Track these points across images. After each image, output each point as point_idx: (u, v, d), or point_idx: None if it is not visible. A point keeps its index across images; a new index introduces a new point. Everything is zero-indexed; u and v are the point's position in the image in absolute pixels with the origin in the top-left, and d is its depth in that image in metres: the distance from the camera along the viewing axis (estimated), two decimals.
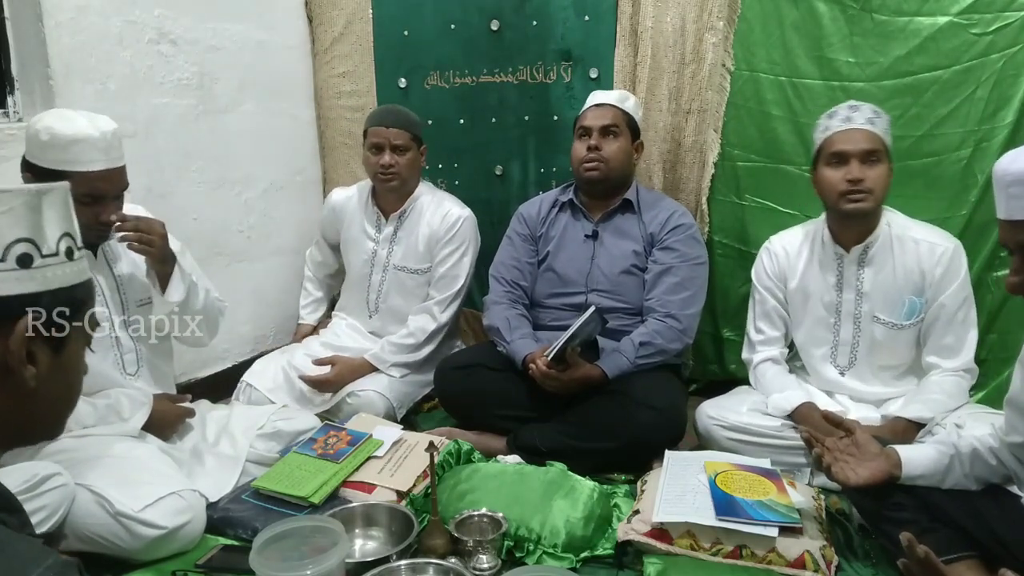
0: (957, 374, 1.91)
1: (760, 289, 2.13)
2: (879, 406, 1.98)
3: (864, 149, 1.85)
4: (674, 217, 2.23)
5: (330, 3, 2.86)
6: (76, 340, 0.79)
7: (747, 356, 2.17)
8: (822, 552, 1.52)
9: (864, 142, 1.85)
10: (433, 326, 2.43)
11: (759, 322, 2.13)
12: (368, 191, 2.56)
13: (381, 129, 2.38)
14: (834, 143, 1.89)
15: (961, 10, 2.12)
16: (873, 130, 1.87)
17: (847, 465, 1.48)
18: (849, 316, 2.00)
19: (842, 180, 1.86)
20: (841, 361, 2.04)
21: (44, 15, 1.99)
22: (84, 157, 1.60)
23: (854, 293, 1.98)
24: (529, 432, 2.08)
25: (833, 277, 2.01)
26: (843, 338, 2.02)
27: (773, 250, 2.12)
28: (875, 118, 1.89)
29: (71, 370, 0.80)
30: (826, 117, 1.95)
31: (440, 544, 1.57)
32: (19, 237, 0.73)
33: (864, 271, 1.97)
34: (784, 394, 1.98)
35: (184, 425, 1.89)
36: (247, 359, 2.69)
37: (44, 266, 0.74)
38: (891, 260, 1.94)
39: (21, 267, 0.72)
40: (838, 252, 1.99)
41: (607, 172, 2.22)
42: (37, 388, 0.74)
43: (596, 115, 2.24)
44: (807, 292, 2.05)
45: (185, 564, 1.58)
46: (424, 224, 2.47)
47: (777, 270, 2.10)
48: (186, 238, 2.39)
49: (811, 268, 2.04)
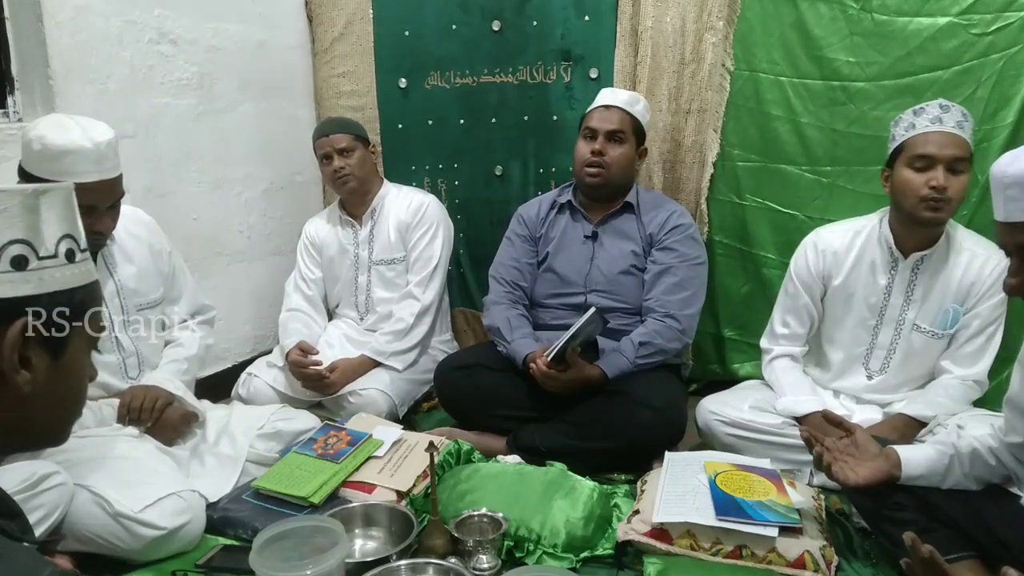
0: (966, 383, 1.89)
1: (796, 283, 2.05)
2: (884, 407, 1.97)
3: (953, 156, 1.75)
4: (673, 217, 2.23)
5: (330, 3, 2.86)
6: (77, 344, 0.76)
7: (767, 346, 2.13)
8: (822, 552, 1.52)
9: (954, 147, 1.75)
10: (418, 307, 2.47)
11: (787, 315, 2.08)
12: (336, 207, 2.63)
13: (324, 139, 2.47)
14: (921, 144, 1.78)
15: (961, 10, 2.12)
16: (962, 135, 1.77)
17: (847, 465, 1.48)
18: (891, 321, 1.94)
19: (925, 185, 1.76)
20: (873, 365, 1.99)
21: (44, 15, 1.99)
22: (76, 168, 1.56)
23: (903, 299, 1.92)
24: (529, 432, 2.08)
25: (884, 280, 1.94)
26: (880, 342, 1.97)
27: (820, 247, 2.01)
28: (964, 122, 1.78)
29: (72, 375, 0.78)
30: (912, 113, 1.83)
31: (440, 544, 1.57)
32: (14, 239, 0.71)
33: (918, 278, 1.90)
34: (797, 399, 1.96)
35: (188, 430, 1.89)
36: (247, 359, 2.69)
37: (40, 268, 0.72)
38: (944, 269, 1.88)
39: (15, 269, 0.70)
40: (895, 256, 1.92)
41: (608, 178, 2.21)
42: (33, 394, 0.71)
43: (604, 117, 2.21)
44: (850, 291, 1.98)
45: (185, 564, 1.58)
46: (393, 215, 2.56)
47: (822, 267, 2.01)
48: (186, 238, 2.41)
49: (860, 267, 1.96)
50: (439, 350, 2.58)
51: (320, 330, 2.60)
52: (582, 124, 2.27)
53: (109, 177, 1.63)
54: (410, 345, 2.45)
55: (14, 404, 0.71)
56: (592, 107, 2.27)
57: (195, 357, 2.02)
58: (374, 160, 2.60)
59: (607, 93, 2.28)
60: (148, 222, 1.98)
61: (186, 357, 1.98)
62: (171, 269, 2.01)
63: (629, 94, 2.28)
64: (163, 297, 1.97)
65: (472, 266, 2.93)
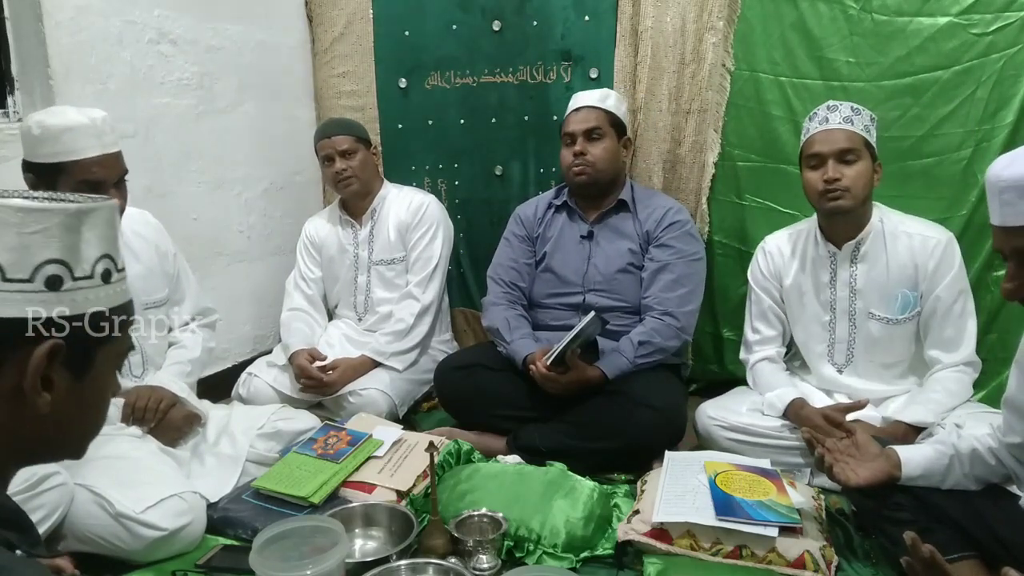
0: (959, 369, 1.90)
1: (756, 289, 2.14)
2: (879, 404, 1.97)
3: (839, 148, 1.85)
4: (669, 214, 2.23)
5: (330, 3, 2.86)
6: (104, 362, 0.74)
7: (744, 357, 2.18)
8: (822, 552, 1.52)
9: (840, 141, 1.85)
10: (418, 307, 2.47)
11: (756, 322, 2.14)
12: (337, 206, 2.63)
13: (326, 141, 2.46)
14: (811, 145, 1.90)
15: (961, 10, 2.12)
16: (851, 128, 1.86)
17: (847, 466, 1.48)
18: (844, 313, 2.00)
19: (819, 180, 1.87)
20: (838, 359, 2.04)
21: (44, 15, 1.99)
22: (77, 145, 1.60)
23: (848, 290, 1.98)
24: (529, 432, 2.08)
25: (826, 275, 2.01)
26: (839, 335, 2.02)
27: (768, 249, 2.13)
28: (853, 116, 1.88)
29: (95, 393, 0.75)
30: (807, 120, 1.96)
31: (440, 544, 1.57)
32: (50, 258, 0.68)
33: (856, 268, 1.97)
34: (776, 392, 1.98)
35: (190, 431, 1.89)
36: (247, 359, 2.69)
37: (74, 289, 0.69)
38: (884, 255, 1.94)
39: (49, 289, 0.68)
40: (830, 250, 2.00)
41: (596, 175, 2.22)
42: (51, 413, 0.69)
43: (578, 120, 2.24)
44: (801, 290, 2.06)
45: (185, 564, 1.58)
46: (393, 215, 2.55)
47: (772, 269, 2.10)
48: (186, 238, 2.41)
49: (804, 266, 2.05)
50: (439, 350, 2.58)
51: (321, 330, 2.60)
52: (561, 132, 2.31)
53: (111, 151, 1.66)
54: (410, 345, 2.45)
55: (32, 421, 0.69)
56: (567, 113, 2.31)
57: (198, 360, 2.02)
58: (375, 161, 2.60)
59: (576, 97, 2.32)
60: (155, 224, 1.99)
61: (189, 359, 1.99)
62: (176, 271, 2.01)
63: (598, 91, 2.31)
64: (167, 298, 1.98)
65: (472, 266, 2.93)
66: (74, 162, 1.59)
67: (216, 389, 2.42)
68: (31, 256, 0.67)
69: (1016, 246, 1.16)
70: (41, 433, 0.70)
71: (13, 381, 0.66)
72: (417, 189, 2.68)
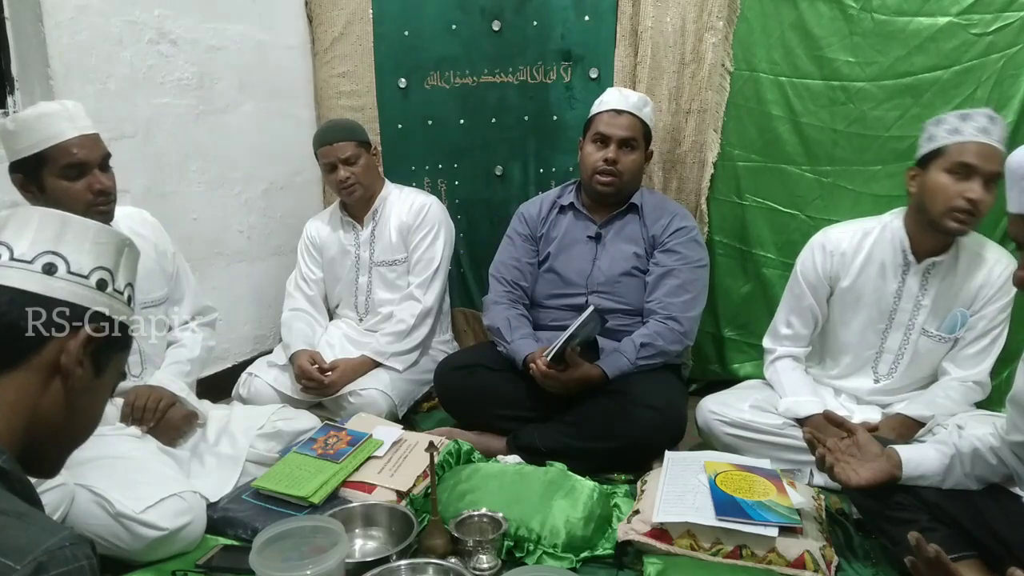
0: (966, 384, 1.88)
1: (802, 283, 2.01)
2: (884, 407, 1.96)
3: (994, 171, 1.67)
4: (676, 220, 2.22)
5: (330, 3, 2.86)
6: (112, 373, 0.91)
7: (770, 346, 2.11)
8: (822, 552, 1.52)
9: (996, 163, 1.66)
10: (419, 308, 2.46)
11: (792, 316, 2.05)
12: (337, 207, 2.63)
13: (328, 148, 2.44)
14: (966, 153, 1.70)
15: (961, 10, 2.12)
16: (1003, 150, 1.68)
17: (848, 466, 1.48)
18: (901, 326, 1.92)
19: (960, 195, 1.70)
20: (881, 370, 1.97)
21: (44, 15, 1.99)
22: (53, 129, 1.62)
23: (913, 303, 1.90)
24: (529, 432, 2.08)
25: (895, 284, 1.91)
26: (889, 346, 1.95)
27: (829, 248, 1.97)
28: (1005, 137, 1.72)
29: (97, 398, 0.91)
30: (958, 118, 1.74)
31: (440, 544, 1.57)
32: (102, 265, 0.88)
33: (929, 283, 1.88)
34: (799, 400, 1.95)
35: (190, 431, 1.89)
36: (247, 359, 2.69)
37: (112, 296, 0.89)
38: (954, 275, 1.86)
39: (98, 289, 0.87)
40: (908, 261, 1.88)
41: (621, 186, 2.19)
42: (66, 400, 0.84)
43: (616, 124, 2.15)
44: (859, 294, 1.95)
45: (185, 564, 1.58)
46: (395, 216, 2.55)
47: (831, 268, 1.97)
48: (186, 238, 2.41)
49: (869, 269, 1.93)
50: (439, 350, 2.58)
51: (322, 330, 2.60)
52: (589, 126, 2.21)
53: (88, 132, 1.68)
54: (411, 346, 2.45)
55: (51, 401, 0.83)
56: (601, 109, 2.19)
57: (197, 359, 2.02)
58: (376, 162, 2.60)
59: (616, 95, 2.20)
60: (153, 223, 1.99)
61: (188, 359, 1.98)
62: (175, 270, 2.01)
63: (639, 96, 2.21)
64: (166, 297, 1.98)
65: (472, 266, 2.93)
66: (54, 147, 1.61)
67: (216, 389, 2.42)
68: (92, 259, 0.87)
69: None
70: (52, 417, 0.84)
71: (53, 357, 0.82)
72: (418, 190, 2.68)
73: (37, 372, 0.82)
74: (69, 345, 0.82)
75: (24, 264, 0.83)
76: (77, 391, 0.84)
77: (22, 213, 0.87)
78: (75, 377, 0.83)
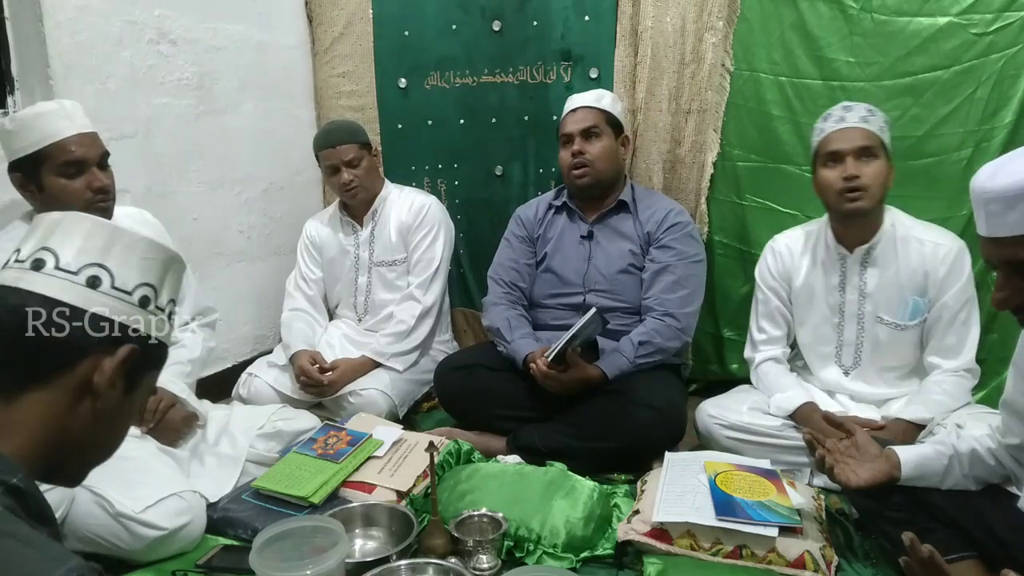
0: (958, 374, 1.90)
1: (764, 288, 2.12)
2: (880, 406, 1.97)
3: (858, 146, 1.84)
4: (670, 215, 2.23)
5: (330, 3, 2.86)
6: (143, 390, 0.88)
7: (749, 355, 2.17)
8: (822, 552, 1.52)
9: (858, 139, 1.85)
10: (419, 308, 2.47)
11: (762, 321, 2.13)
12: (337, 207, 2.63)
13: (329, 151, 2.45)
14: (829, 143, 1.88)
15: (961, 10, 2.12)
16: (867, 127, 1.86)
17: (847, 467, 1.48)
18: (853, 317, 1.99)
19: (838, 179, 1.85)
20: (846, 361, 2.03)
21: (44, 15, 1.99)
22: (51, 128, 1.65)
23: (857, 294, 1.98)
24: (529, 432, 2.08)
25: (836, 278, 2.00)
26: (847, 338, 2.01)
27: (777, 249, 2.11)
28: (869, 116, 1.88)
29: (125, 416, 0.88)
30: (821, 120, 1.95)
31: (440, 544, 1.57)
32: (146, 282, 0.85)
33: (867, 272, 1.96)
34: (786, 394, 1.98)
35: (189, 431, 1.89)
36: (247, 359, 2.69)
37: (154, 314, 0.86)
38: (895, 260, 1.93)
39: (140, 306, 0.84)
40: (841, 253, 1.98)
41: (596, 174, 2.22)
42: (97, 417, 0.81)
43: (574, 120, 2.25)
44: (811, 292, 2.04)
45: (185, 564, 1.58)
46: (394, 216, 2.55)
47: (781, 269, 2.09)
48: (186, 238, 2.41)
49: (814, 268, 2.04)
50: (439, 350, 2.58)
51: (321, 330, 2.60)
52: (558, 135, 2.31)
53: (86, 131, 1.70)
54: (411, 347, 2.45)
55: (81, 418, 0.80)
56: (563, 116, 2.32)
57: (197, 360, 2.02)
58: (377, 163, 2.60)
59: (571, 100, 2.32)
60: (154, 223, 1.99)
61: (189, 359, 1.98)
62: None
63: (592, 92, 2.32)
64: None
65: (472, 266, 2.93)
66: (52, 145, 1.63)
67: (216, 389, 2.43)
68: (138, 275, 0.84)
69: (1004, 256, 1.13)
70: (78, 434, 0.81)
71: (87, 375, 0.79)
72: (418, 190, 2.68)
73: (67, 390, 0.79)
74: (104, 364, 0.79)
75: (68, 275, 0.80)
76: (107, 410, 0.81)
77: (72, 219, 0.84)
78: (106, 397, 0.80)
